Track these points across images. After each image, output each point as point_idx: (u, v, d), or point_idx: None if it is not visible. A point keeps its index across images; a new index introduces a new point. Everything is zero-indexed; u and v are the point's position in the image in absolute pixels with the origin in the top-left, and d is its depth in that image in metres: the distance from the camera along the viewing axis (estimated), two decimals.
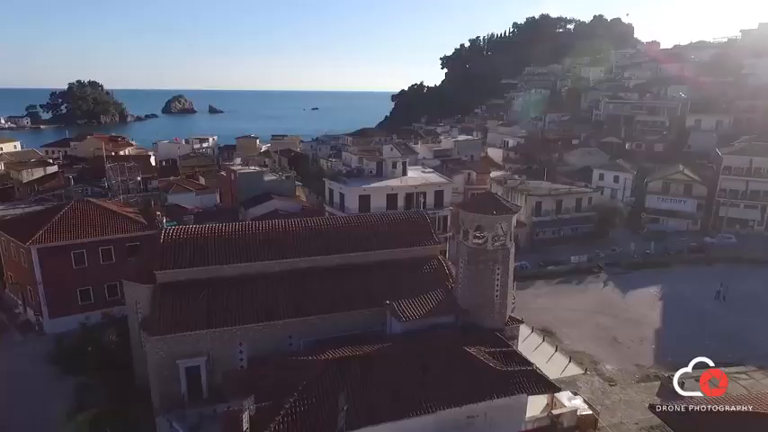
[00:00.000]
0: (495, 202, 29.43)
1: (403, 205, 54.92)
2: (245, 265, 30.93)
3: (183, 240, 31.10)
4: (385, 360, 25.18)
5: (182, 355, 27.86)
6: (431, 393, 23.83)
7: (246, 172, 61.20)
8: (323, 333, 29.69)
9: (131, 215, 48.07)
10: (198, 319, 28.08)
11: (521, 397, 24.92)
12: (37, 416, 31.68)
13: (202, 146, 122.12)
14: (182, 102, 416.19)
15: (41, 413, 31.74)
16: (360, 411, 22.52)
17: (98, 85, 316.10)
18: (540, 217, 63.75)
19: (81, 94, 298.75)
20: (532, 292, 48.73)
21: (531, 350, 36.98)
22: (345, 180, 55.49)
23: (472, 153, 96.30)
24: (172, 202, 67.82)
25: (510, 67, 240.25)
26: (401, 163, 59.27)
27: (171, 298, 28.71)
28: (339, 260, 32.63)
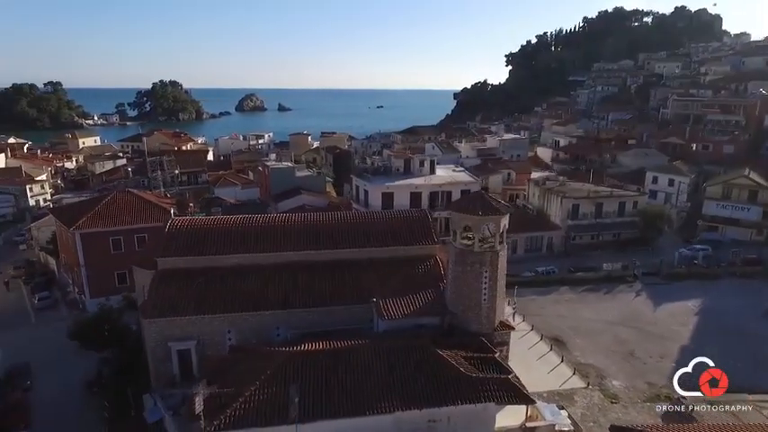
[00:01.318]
0: (483, 203, 28.42)
1: (427, 204, 54.35)
2: (240, 257, 32.13)
3: (186, 230, 32.90)
4: (352, 356, 25.19)
5: (173, 337, 29.52)
6: (392, 393, 23.58)
7: (278, 168, 63.32)
8: (310, 326, 30.23)
9: (166, 206, 51.40)
10: (189, 306, 29.61)
11: (489, 405, 23.97)
12: (64, 380, 35.54)
13: (258, 142, 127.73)
14: (253, 100, 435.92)
15: (68, 379, 35.44)
16: (316, 404, 22.78)
17: (178, 85, 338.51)
18: (577, 220, 60.49)
19: (163, 93, 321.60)
20: (553, 298, 46.48)
21: (535, 359, 35.52)
22: (369, 177, 55.86)
23: (518, 152, 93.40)
24: (218, 194, 71.81)
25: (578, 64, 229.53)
26: (429, 161, 58.79)
27: (167, 284, 30.50)
28: (332, 255, 32.99)
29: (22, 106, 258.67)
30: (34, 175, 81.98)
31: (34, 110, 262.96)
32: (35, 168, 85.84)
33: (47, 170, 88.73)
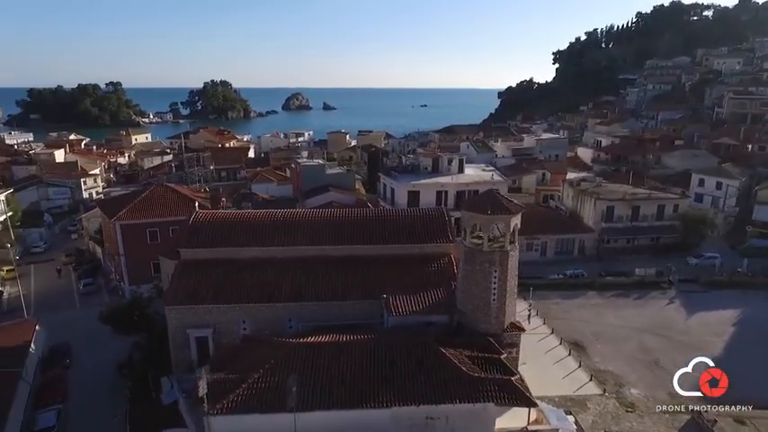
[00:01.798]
0: (493, 202, 28.11)
1: (453, 202, 54.03)
2: (258, 250, 33.25)
3: (208, 223, 34.38)
4: (355, 350, 25.60)
5: (192, 325, 30.97)
6: (391, 388, 23.81)
7: (309, 165, 64.66)
8: (321, 319, 30.84)
9: (200, 200, 53.63)
10: (207, 295, 30.97)
11: (488, 406, 23.73)
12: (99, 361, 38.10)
13: (298, 140, 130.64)
14: (299, 99, 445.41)
15: (103, 360, 37.96)
16: (315, 395, 23.34)
17: (228, 84, 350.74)
18: (612, 223, 58.34)
19: (213, 92, 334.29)
20: (579, 302, 45.16)
21: (552, 363, 34.75)
22: (396, 175, 56.11)
23: (557, 152, 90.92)
24: (254, 190, 74.07)
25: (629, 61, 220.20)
26: (457, 160, 58.38)
27: (188, 273, 32.03)
28: (347, 251, 33.53)
29: (85, 105, 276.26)
30: (88, 169, 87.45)
31: (96, 108, 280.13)
32: (89, 163, 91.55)
33: (100, 164, 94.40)
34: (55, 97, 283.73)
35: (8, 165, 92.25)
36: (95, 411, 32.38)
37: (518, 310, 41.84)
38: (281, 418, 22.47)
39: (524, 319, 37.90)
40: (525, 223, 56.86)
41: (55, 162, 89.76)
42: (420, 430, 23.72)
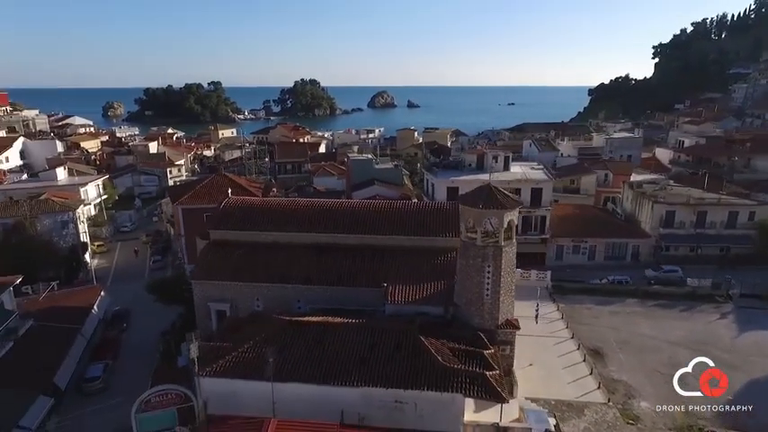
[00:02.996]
0: (488, 196, 27.87)
1: None
2: (277, 234, 35.72)
3: (237, 208, 37.53)
4: (340, 331, 26.95)
5: (213, 299, 34.24)
6: (365, 370, 24.86)
7: (358, 159, 66.64)
8: (327, 302, 32.58)
9: (253, 189, 57.86)
10: (226, 273, 34.01)
11: (457, 397, 23.90)
12: (150, 328, 42.50)
13: (368, 136, 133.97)
14: (384, 97, 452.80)
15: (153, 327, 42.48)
16: (294, 369, 25.07)
17: (316, 83, 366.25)
18: (672, 229, 53.83)
19: (302, 90, 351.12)
20: (613, 309, 42.61)
21: (562, 367, 33.56)
22: (437, 171, 56.31)
23: (629, 153, 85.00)
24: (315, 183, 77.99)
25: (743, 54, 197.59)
26: (503, 157, 57.22)
27: (213, 252, 35.37)
28: (358, 240, 34.91)
29: (190, 103, 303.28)
30: (174, 160, 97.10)
31: (199, 106, 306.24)
32: (176, 154, 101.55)
33: (186, 156, 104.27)
34: (166, 96, 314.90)
35: (113, 155, 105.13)
36: (136, 369, 36.79)
37: (546, 311, 41.16)
38: (261, 386, 24.43)
39: (532, 319, 36.89)
40: (573, 225, 55.56)
41: (148, 153, 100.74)
42: (389, 412, 24.53)
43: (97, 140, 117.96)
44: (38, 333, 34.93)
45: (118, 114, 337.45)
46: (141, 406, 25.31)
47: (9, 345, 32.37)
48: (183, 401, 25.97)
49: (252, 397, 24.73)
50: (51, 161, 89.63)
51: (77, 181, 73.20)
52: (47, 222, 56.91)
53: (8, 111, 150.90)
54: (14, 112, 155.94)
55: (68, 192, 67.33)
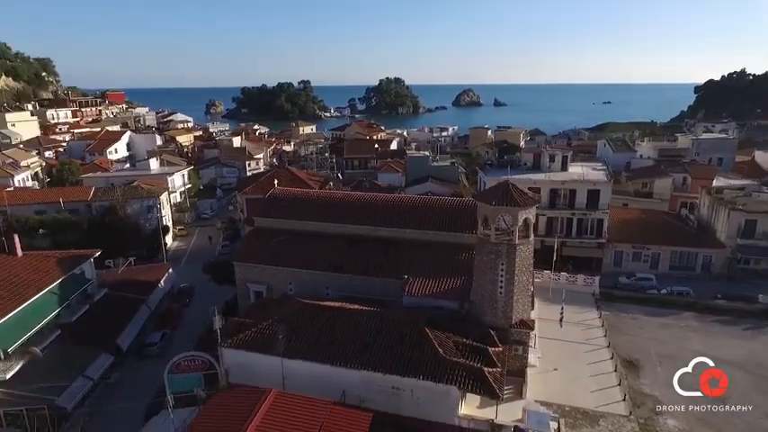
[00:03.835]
0: (503, 193, 27.58)
1: (547, 200, 51.62)
2: (314, 224, 37.88)
3: (281, 198, 40.25)
4: (352, 317, 28.28)
5: (251, 280, 37.19)
6: (368, 355, 25.96)
7: (415, 156, 67.48)
8: (352, 290, 34.17)
9: (311, 182, 61.04)
10: (263, 257, 36.75)
11: (452, 389, 24.18)
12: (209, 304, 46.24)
13: (441, 134, 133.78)
14: (470, 95, 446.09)
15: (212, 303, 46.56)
16: (303, 347, 26.83)
17: (401, 81, 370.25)
18: (752, 240, 48.53)
19: (387, 88, 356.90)
20: (664, 321, 39.65)
21: (588, 375, 32.17)
22: (488, 169, 55.53)
23: (720, 156, 77.37)
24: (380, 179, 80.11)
25: None
26: (561, 157, 55.12)
27: (255, 238, 38.32)
28: (387, 233, 36.07)
29: (281, 101, 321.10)
30: (254, 154, 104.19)
31: (289, 104, 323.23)
32: (256, 148, 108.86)
33: (265, 150, 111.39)
34: (260, 94, 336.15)
35: (202, 148, 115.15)
36: (190, 339, 40.91)
37: (586, 317, 39.49)
38: (273, 361, 26.57)
39: (566, 324, 35.56)
40: (635, 230, 52.28)
41: (231, 147, 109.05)
42: (387, 397, 25.46)
43: (190, 135, 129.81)
44: (109, 300, 40.14)
45: (218, 111, 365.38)
46: (172, 368, 28.58)
47: (84, 308, 37.59)
48: (209, 368, 28.90)
49: (265, 370, 26.90)
50: (150, 153, 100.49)
51: (166, 170, 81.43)
52: (135, 206, 64.25)
53: (123, 108, 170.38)
54: (128, 109, 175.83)
55: (157, 180, 75.20)
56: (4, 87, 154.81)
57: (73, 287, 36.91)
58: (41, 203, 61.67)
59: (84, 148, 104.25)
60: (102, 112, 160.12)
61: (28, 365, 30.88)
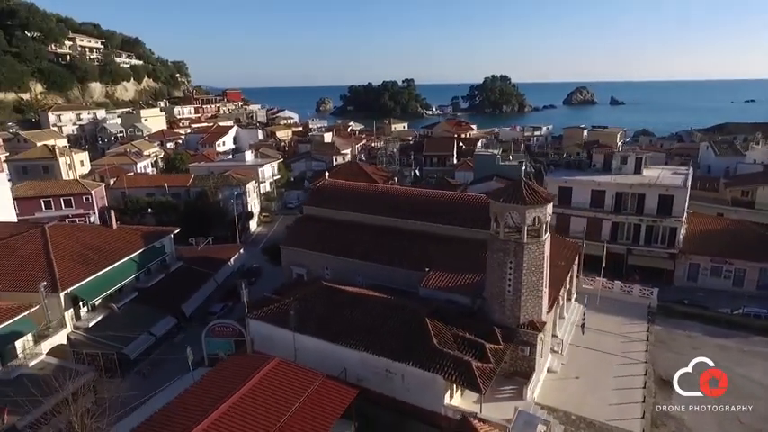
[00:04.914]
0: (513, 191, 27.22)
1: (612, 204, 48.70)
2: (353, 215, 40.11)
3: (327, 189, 43.09)
4: (365, 303, 29.95)
5: (294, 263, 40.57)
6: (368, 337, 27.48)
7: (482, 154, 66.61)
8: (379, 279, 35.87)
9: (376, 177, 63.63)
10: (304, 243, 39.84)
11: (438, 378, 24.77)
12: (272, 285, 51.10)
13: (533, 133, 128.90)
14: (583, 93, 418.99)
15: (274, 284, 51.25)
16: (311, 324, 29.12)
17: (507, 79, 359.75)
18: None
19: (491, 86, 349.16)
20: (725, 343, 35.58)
21: (611, 388, 30.44)
22: (552, 169, 53.35)
23: None
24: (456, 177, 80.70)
25: None
26: (634, 159, 51.33)
27: (301, 225, 41.61)
28: (418, 226, 37.17)
29: (384, 99, 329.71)
30: (341, 149, 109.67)
31: (392, 102, 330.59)
32: (345, 144, 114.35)
33: (353, 146, 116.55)
34: (365, 92, 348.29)
35: (297, 143, 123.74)
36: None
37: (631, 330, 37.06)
38: (286, 334, 29.29)
39: (604, 335, 33.69)
40: (716, 242, 47.47)
41: (322, 142, 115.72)
42: (382, 380, 26.82)
43: (289, 130, 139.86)
44: (183, 272, 46.22)
45: (327, 109, 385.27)
46: (209, 331, 32.66)
47: (161, 276, 43.86)
48: (238, 335, 32.52)
49: (281, 342, 29.71)
50: (251, 146, 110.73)
51: (258, 162, 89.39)
52: (225, 193, 71.89)
53: (239, 105, 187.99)
54: (243, 106, 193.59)
55: (248, 170, 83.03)
56: (145, 87, 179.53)
57: (152, 257, 43.27)
58: (151, 187, 71.75)
59: (198, 140, 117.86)
60: (219, 108, 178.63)
61: (107, 318, 37.23)
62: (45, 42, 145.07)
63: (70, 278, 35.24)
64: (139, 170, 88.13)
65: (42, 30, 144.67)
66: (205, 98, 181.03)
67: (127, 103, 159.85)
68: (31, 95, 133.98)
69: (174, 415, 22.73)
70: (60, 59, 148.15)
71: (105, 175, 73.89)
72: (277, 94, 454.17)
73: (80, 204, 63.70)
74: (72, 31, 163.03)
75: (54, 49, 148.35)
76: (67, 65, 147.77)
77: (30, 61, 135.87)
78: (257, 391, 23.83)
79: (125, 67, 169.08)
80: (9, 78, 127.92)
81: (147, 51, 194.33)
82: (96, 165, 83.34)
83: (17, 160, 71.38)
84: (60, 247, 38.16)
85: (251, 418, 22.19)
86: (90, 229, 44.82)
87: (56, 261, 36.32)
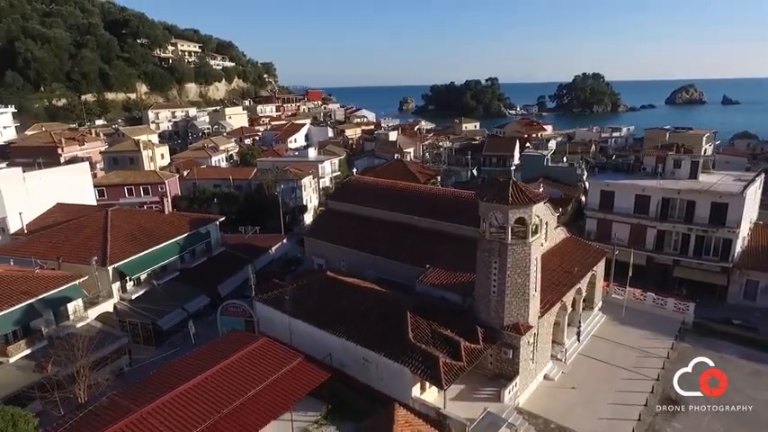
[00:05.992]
0: (499, 190, 26.78)
1: (657, 211, 45.40)
2: (370, 210, 41.34)
3: (352, 185, 44.70)
4: (357, 293, 31.19)
5: (315, 253, 42.73)
6: (351, 326, 28.67)
7: (529, 155, 64.33)
8: (387, 273, 36.85)
9: (419, 174, 64.14)
10: (323, 234, 41.79)
11: (405, 370, 25.28)
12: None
13: (611, 135, 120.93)
14: (689, 92, 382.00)
15: None
16: (303, 311, 30.85)
17: (599, 77, 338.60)
18: None
19: (582, 85, 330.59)
20: (759, 367, 31.95)
21: (608, 402, 28.84)
22: (596, 172, 50.49)
23: None
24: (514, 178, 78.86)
25: None
26: (689, 163, 47.22)
27: (324, 218, 43.66)
28: (428, 224, 37.53)
29: (466, 98, 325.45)
30: (404, 148, 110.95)
31: (474, 101, 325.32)
32: (409, 143, 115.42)
33: (418, 144, 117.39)
34: (447, 92, 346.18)
35: (363, 141, 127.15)
36: None
37: (656, 345, 34.70)
38: (283, 317, 31.42)
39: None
40: None
41: (387, 140, 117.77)
42: (361, 367, 27.92)
43: (358, 129, 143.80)
44: (225, 256, 50.29)
45: (410, 108, 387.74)
46: (223, 310, 35.71)
47: (203, 259, 48.18)
48: (249, 316, 35.19)
49: (280, 324, 31.96)
50: (321, 143, 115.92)
51: (319, 158, 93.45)
52: (283, 186, 76.37)
53: (318, 104, 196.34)
54: (323, 105, 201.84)
55: (309, 166, 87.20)
56: (235, 87, 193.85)
57: (194, 241, 47.64)
58: (218, 179, 78.19)
59: (273, 137, 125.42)
60: (300, 107, 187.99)
61: (148, 292, 41.84)
62: (151, 48, 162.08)
63: (118, 255, 40.16)
64: (214, 164, 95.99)
65: (149, 36, 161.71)
66: (286, 97, 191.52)
67: (217, 102, 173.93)
68: (137, 95, 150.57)
69: (163, 378, 25.61)
70: (163, 63, 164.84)
71: (180, 167, 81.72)
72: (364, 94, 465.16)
73: (156, 192, 71.22)
74: (175, 36, 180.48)
75: (158, 54, 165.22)
76: (168, 67, 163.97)
77: (137, 65, 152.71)
78: (239, 363, 26.07)
79: (217, 69, 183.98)
80: (119, 80, 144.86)
81: (239, 54, 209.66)
82: (176, 158, 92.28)
83: (110, 152, 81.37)
84: (117, 229, 43.49)
85: (226, 386, 24.45)
86: (146, 213, 50.41)
87: (110, 240, 41.53)
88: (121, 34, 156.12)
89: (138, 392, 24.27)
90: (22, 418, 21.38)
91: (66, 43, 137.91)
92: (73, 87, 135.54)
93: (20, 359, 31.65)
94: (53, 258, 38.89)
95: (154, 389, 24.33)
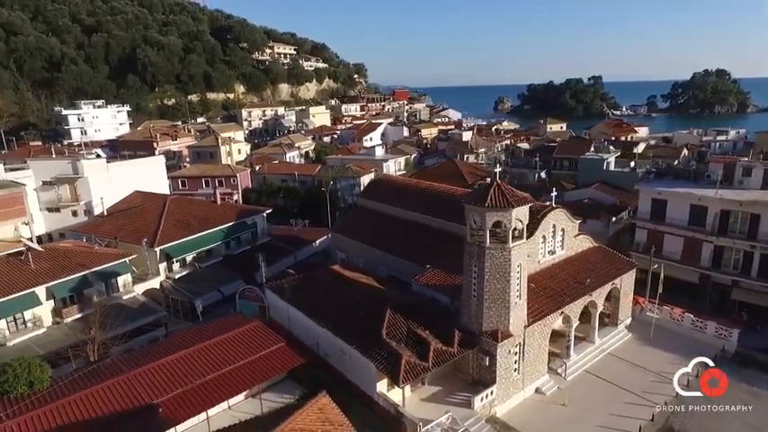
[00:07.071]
0: (480, 192, 25.95)
1: (714, 224, 40.74)
2: (392, 208, 41.95)
3: (378, 184, 45.59)
4: (353, 288, 32.15)
5: (338, 248, 44.27)
6: (338, 318, 29.67)
7: (588, 158, 60.18)
8: (396, 271, 37.37)
9: (468, 176, 63.03)
10: (345, 230, 43.14)
11: (371, 365, 25.64)
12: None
13: (716, 138, 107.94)
14: None
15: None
16: (301, 300, 32.40)
17: (725, 74, 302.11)
18: None
19: (701, 83, 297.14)
20: None
21: (597, 423, 26.84)
22: (650, 179, 46.04)
23: None
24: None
25: None
26: (762, 171, 41.52)
27: (350, 214, 45.06)
28: (439, 224, 37.26)
29: (565, 98, 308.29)
30: (475, 148, 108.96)
31: (573, 101, 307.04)
32: (482, 143, 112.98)
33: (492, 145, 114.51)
34: (545, 91, 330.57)
35: (437, 140, 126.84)
36: None
37: (674, 370, 31.47)
38: (284, 305, 33.33)
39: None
40: None
41: (460, 140, 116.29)
42: (339, 358, 28.86)
43: (434, 129, 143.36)
44: (268, 246, 53.72)
45: (505, 108, 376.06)
46: (240, 294, 38.57)
47: (246, 247, 52.04)
48: (261, 301, 37.66)
49: (282, 311, 33.93)
50: (396, 142, 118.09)
51: (384, 157, 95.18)
52: (342, 183, 79.22)
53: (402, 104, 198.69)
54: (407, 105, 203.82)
55: (372, 164, 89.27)
56: (325, 87, 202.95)
57: (238, 230, 51.59)
58: (285, 174, 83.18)
59: (350, 135, 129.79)
60: (384, 107, 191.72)
61: (191, 274, 46.34)
62: (250, 51, 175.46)
63: (166, 238, 44.97)
64: (288, 160, 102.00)
65: (249, 41, 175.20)
66: (371, 97, 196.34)
67: (307, 102, 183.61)
68: (234, 95, 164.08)
69: (160, 348, 28.70)
70: (259, 65, 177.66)
71: (254, 162, 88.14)
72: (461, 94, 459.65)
73: (228, 185, 77.81)
74: (273, 40, 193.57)
75: (256, 56, 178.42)
76: (264, 69, 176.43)
77: (236, 67, 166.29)
78: (225, 342, 28.43)
79: (309, 70, 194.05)
80: (220, 82, 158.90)
81: (331, 55, 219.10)
82: (256, 153, 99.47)
83: (194, 147, 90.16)
84: (171, 215, 48.66)
85: (207, 360, 26.90)
86: (199, 203, 55.53)
87: (163, 225, 46.64)
88: (225, 39, 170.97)
89: (135, 358, 27.51)
90: (38, 366, 25.35)
91: (178, 48, 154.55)
92: (181, 88, 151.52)
93: (72, 321, 37.04)
94: (112, 238, 44.64)
95: (148, 356, 27.41)
